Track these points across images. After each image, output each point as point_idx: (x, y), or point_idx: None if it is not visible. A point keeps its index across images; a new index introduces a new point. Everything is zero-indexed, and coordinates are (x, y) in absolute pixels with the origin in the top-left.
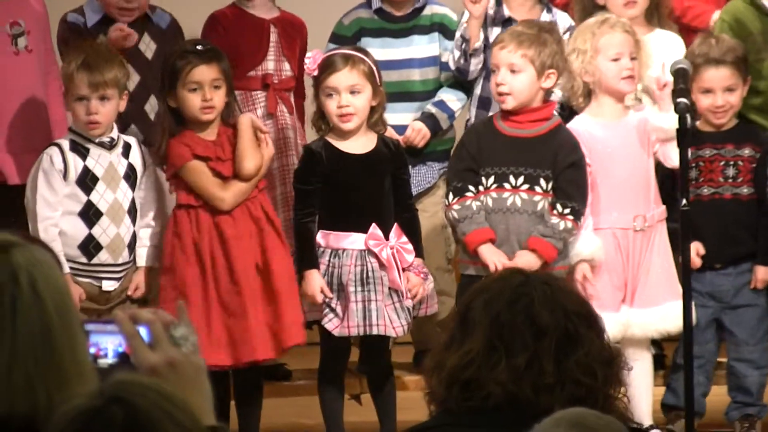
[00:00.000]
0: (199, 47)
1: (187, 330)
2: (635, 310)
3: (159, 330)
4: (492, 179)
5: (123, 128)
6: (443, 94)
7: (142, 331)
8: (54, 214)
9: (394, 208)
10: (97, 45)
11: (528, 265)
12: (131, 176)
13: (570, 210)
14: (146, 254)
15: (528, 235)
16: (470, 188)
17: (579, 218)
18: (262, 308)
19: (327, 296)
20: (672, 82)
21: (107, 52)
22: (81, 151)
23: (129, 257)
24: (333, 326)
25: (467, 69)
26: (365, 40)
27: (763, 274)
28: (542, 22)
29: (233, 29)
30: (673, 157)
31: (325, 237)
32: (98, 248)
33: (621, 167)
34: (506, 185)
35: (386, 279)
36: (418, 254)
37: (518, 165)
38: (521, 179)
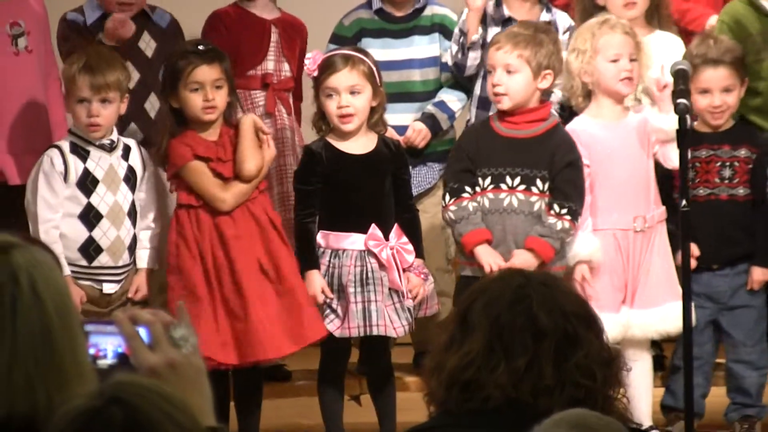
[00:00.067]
0: (201, 47)
1: (187, 331)
2: (635, 311)
3: (159, 331)
4: (489, 180)
5: (123, 127)
6: (443, 95)
7: (142, 332)
8: (55, 216)
9: (395, 209)
10: (100, 47)
11: (525, 265)
12: (131, 178)
13: (567, 210)
14: (147, 256)
15: (525, 236)
16: (467, 189)
17: (576, 218)
18: (268, 307)
19: (328, 297)
20: (672, 83)
21: (109, 55)
22: (81, 154)
23: (129, 260)
24: (334, 327)
25: (464, 64)
26: (366, 41)
27: (759, 275)
28: (538, 23)
29: (235, 28)
30: (673, 158)
31: (326, 237)
32: (98, 251)
33: (621, 168)
34: (503, 186)
35: (386, 279)
36: (419, 255)
37: (515, 166)
38: (518, 180)
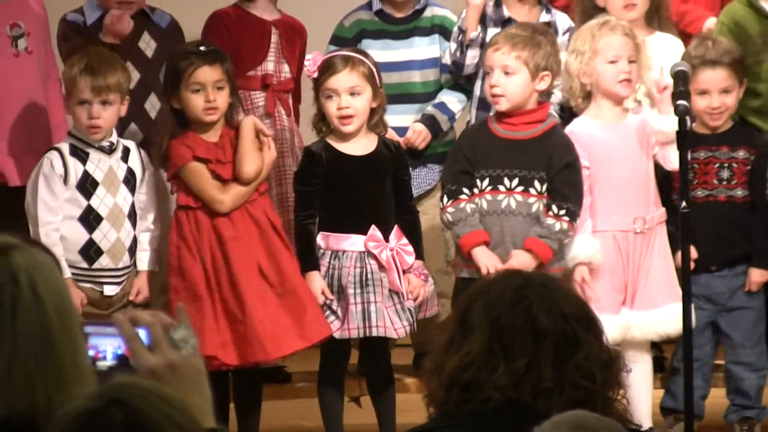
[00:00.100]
0: (202, 48)
1: (187, 332)
2: (635, 313)
3: (158, 332)
4: (487, 182)
5: (123, 127)
6: (444, 96)
7: (142, 334)
8: (55, 219)
9: (395, 210)
10: (101, 49)
11: (523, 265)
12: (131, 180)
13: (566, 211)
14: (147, 258)
15: (523, 237)
16: (464, 191)
17: (574, 219)
18: (267, 308)
19: (328, 298)
20: (671, 85)
21: (110, 56)
22: (81, 156)
23: (130, 261)
24: (333, 328)
25: (463, 62)
26: (366, 42)
27: (758, 277)
28: (537, 25)
29: (235, 28)
30: (673, 160)
31: (325, 239)
32: (99, 253)
33: (621, 169)
34: (501, 187)
35: (386, 280)
36: (419, 256)
37: (513, 167)
38: (516, 181)
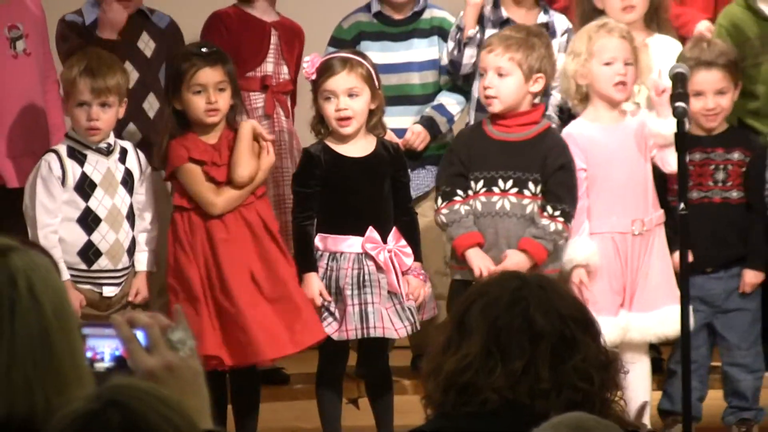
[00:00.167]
0: (204, 50)
1: (185, 334)
2: (634, 314)
3: (156, 334)
4: (481, 183)
5: (121, 127)
6: (443, 98)
7: (140, 335)
8: (53, 221)
9: (394, 212)
10: (100, 51)
11: (518, 266)
12: (128, 181)
13: (560, 212)
14: (145, 259)
15: (517, 239)
16: (459, 192)
17: (569, 220)
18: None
19: (326, 299)
20: (670, 87)
21: (110, 58)
22: (78, 158)
23: (128, 262)
24: (332, 330)
25: (460, 61)
26: (364, 44)
27: (752, 278)
28: (531, 26)
29: (235, 29)
30: (671, 163)
31: (323, 240)
32: (98, 254)
33: (619, 171)
34: (495, 189)
35: (384, 282)
36: (417, 258)
37: (507, 169)
38: (510, 183)
